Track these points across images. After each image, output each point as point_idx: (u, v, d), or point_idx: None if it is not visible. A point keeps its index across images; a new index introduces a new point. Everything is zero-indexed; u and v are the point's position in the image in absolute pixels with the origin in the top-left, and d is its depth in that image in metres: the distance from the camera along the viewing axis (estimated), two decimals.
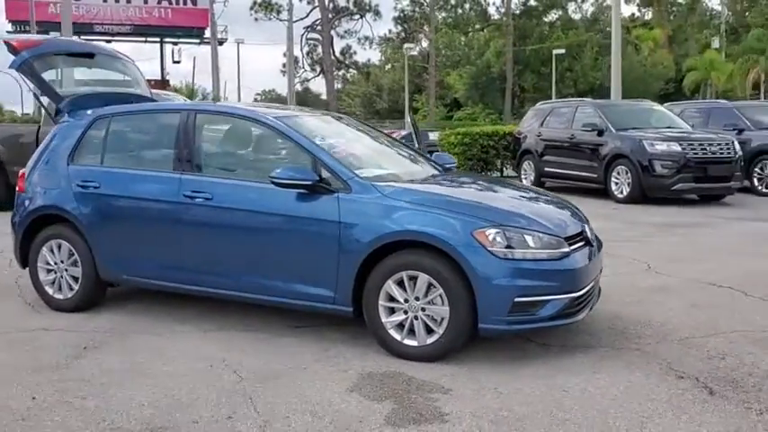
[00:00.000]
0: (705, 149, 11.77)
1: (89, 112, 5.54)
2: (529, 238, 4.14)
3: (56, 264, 5.38)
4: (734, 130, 13.74)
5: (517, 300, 4.05)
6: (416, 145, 11.11)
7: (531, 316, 4.12)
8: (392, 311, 4.30)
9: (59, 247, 5.35)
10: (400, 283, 4.25)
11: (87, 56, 6.15)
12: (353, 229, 4.32)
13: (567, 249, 4.24)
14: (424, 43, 48.32)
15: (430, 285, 4.17)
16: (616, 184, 12.29)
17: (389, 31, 53.05)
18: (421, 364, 4.16)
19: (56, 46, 6.10)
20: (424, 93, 53.46)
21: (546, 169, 14.23)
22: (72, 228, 5.28)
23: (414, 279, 4.21)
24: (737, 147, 12.12)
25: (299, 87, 53.68)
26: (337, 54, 50.24)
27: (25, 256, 5.52)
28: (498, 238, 4.09)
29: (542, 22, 49.16)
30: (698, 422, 3.39)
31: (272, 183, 4.47)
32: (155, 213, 4.98)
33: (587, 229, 4.70)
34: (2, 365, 4.26)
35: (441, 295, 4.14)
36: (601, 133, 12.80)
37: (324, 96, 57.07)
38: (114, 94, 5.96)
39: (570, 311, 4.25)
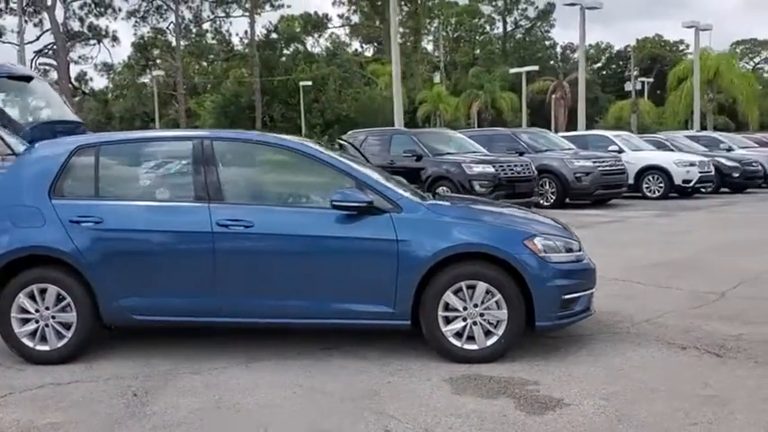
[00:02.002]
0: (512, 170, 13.57)
1: (54, 141, 5.03)
2: (559, 244, 4.82)
3: (37, 312, 4.77)
4: (515, 152, 15.92)
5: (563, 297, 4.70)
6: None
7: (570, 311, 4.79)
8: (449, 320, 4.67)
9: (43, 291, 4.76)
10: (457, 293, 4.65)
11: (25, 79, 5.53)
12: (412, 245, 4.62)
13: (581, 252, 4.99)
14: (159, 72, 46.96)
15: (488, 292, 4.63)
16: None
17: (128, 57, 50.60)
18: (487, 365, 4.59)
19: (6, 68, 5.39)
20: (162, 120, 51.77)
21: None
22: (63, 269, 4.75)
23: (472, 288, 4.64)
24: (533, 167, 14.16)
25: None
26: (73, 80, 46.59)
27: None
28: (543, 245, 4.70)
29: (285, 54, 50.69)
30: (736, 375, 4.33)
31: (333, 206, 4.59)
32: (180, 246, 4.73)
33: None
34: (68, 426, 3.80)
35: (498, 300, 4.62)
36: (419, 158, 14.02)
37: None
38: (62, 122, 5.45)
39: (589, 305, 5.00)
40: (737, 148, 21.17)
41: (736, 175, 18.63)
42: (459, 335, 4.67)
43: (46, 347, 4.79)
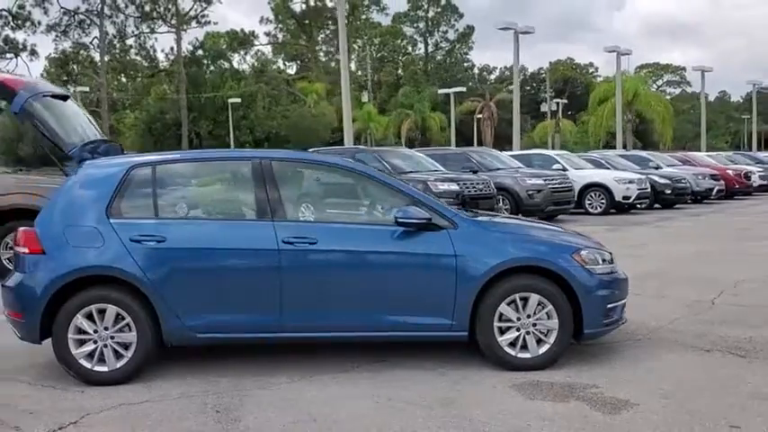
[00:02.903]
0: (475, 187, 14.06)
1: (105, 161, 5.03)
2: (598, 257, 5.18)
3: (95, 332, 4.74)
4: (470, 171, 16.46)
5: (607, 306, 5.06)
6: None
7: (611, 319, 5.15)
8: (503, 331, 4.94)
9: (102, 312, 4.73)
10: (510, 304, 4.93)
11: (62, 98, 5.47)
12: (469, 259, 4.87)
13: (614, 263, 5.37)
14: (83, 87, 45.52)
15: (540, 303, 4.93)
16: None
17: (45, 72, 48.63)
18: (541, 372, 4.87)
19: (42, 86, 5.31)
20: None
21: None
22: (122, 289, 4.73)
23: (525, 299, 4.93)
24: (493, 185, 14.70)
25: None
26: None
27: (44, 327, 4.74)
28: (588, 258, 5.05)
29: (212, 71, 50.14)
30: (766, 372, 4.79)
31: (397, 222, 4.79)
32: (247, 263, 4.80)
33: None
34: None
35: (549, 311, 4.92)
36: None
37: None
38: (100, 141, 5.43)
39: (623, 314, 5.37)
40: (665, 167, 22.52)
41: (668, 191, 19.82)
42: (512, 344, 4.94)
43: (104, 368, 4.75)
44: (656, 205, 19.90)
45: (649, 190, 18.80)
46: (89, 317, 4.74)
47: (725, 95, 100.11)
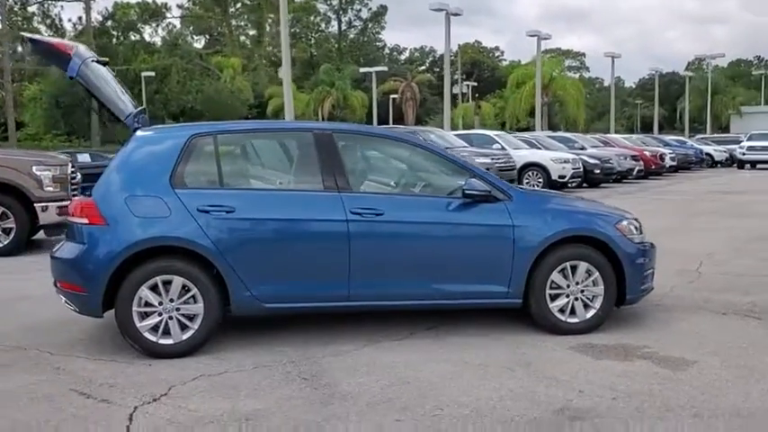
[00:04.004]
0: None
1: (162, 129, 4.91)
2: (632, 227, 5.52)
3: (160, 304, 4.64)
4: None
5: (644, 273, 5.41)
6: None
7: (646, 285, 5.51)
8: (553, 298, 5.20)
9: (167, 284, 4.63)
10: (561, 272, 5.19)
11: (103, 64, 5.24)
12: (526, 230, 5.09)
13: (643, 233, 5.73)
14: None
15: (588, 271, 5.22)
16: None
17: None
18: (591, 335, 5.17)
19: (87, 51, 5.05)
20: None
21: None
22: (189, 260, 4.65)
23: (574, 267, 5.20)
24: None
25: None
26: None
27: (108, 300, 4.60)
28: (627, 228, 5.38)
29: (123, 43, 47.98)
30: None
31: (465, 194, 4.95)
32: (316, 233, 4.82)
33: None
34: (277, 411, 3.85)
35: (596, 278, 5.22)
36: None
37: None
38: (141, 110, 5.27)
39: (652, 281, 5.73)
40: (589, 148, 23.61)
41: (598, 171, 20.84)
42: (562, 310, 5.20)
43: (169, 341, 4.67)
44: (584, 184, 20.88)
45: (582, 170, 19.70)
46: (153, 289, 4.64)
47: (619, 81, 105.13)
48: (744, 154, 32.85)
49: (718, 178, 25.65)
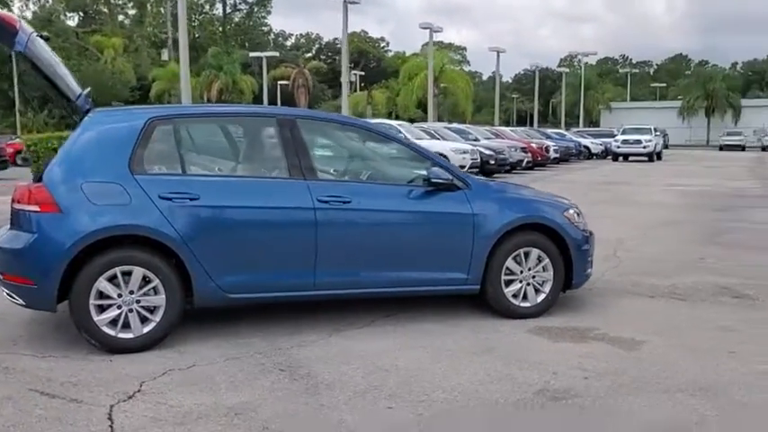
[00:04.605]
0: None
1: (115, 112, 4.64)
2: (576, 215, 5.79)
3: (119, 296, 4.39)
4: None
5: (588, 259, 5.70)
6: None
7: (589, 270, 5.79)
8: (507, 283, 5.37)
9: (127, 274, 4.39)
10: (515, 258, 5.37)
11: (45, 39, 4.85)
12: (484, 218, 5.23)
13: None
14: None
15: (539, 257, 5.43)
16: None
17: None
18: (543, 318, 5.38)
19: (27, 26, 4.62)
20: None
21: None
22: (150, 250, 4.43)
23: (527, 254, 5.39)
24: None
25: None
26: None
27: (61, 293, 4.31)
28: (573, 216, 5.63)
29: None
30: (714, 311, 5.72)
31: (429, 182, 4.99)
32: (283, 222, 4.71)
33: None
34: (262, 402, 3.76)
35: (546, 264, 5.44)
36: None
37: None
38: (89, 90, 4.94)
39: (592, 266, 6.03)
40: (482, 139, 24.37)
41: (493, 162, 21.54)
42: (515, 295, 5.39)
43: (129, 335, 4.45)
44: (480, 174, 21.56)
45: (479, 160, 20.31)
46: (111, 280, 4.39)
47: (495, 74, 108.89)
48: (618, 147, 35.04)
49: (597, 170, 27.15)
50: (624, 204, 14.25)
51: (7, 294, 4.52)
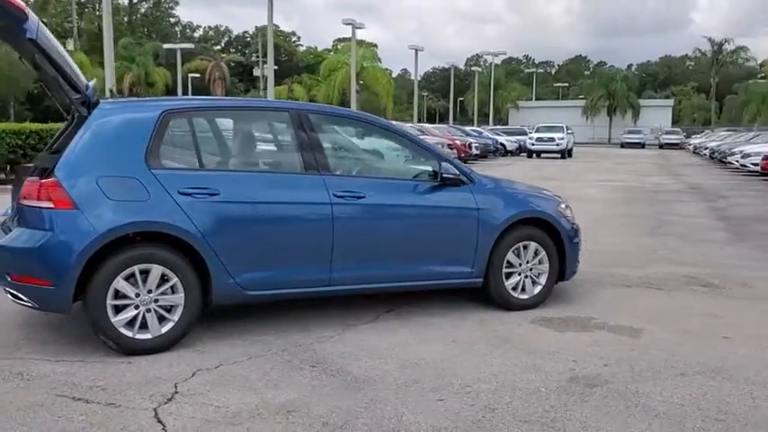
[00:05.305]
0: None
1: (128, 104, 4.45)
2: (567, 210, 5.99)
3: (137, 296, 4.22)
4: None
5: (579, 251, 5.91)
6: None
7: (579, 262, 6.01)
8: (507, 276, 5.51)
9: (145, 273, 4.22)
10: (515, 252, 5.51)
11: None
12: (488, 213, 5.34)
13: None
14: None
15: (536, 250, 5.59)
16: None
17: None
18: (542, 309, 5.55)
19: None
20: None
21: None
22: (169, 247, 4.28)
23: (526, 247, 5.55)
24: None
25: None
26: None
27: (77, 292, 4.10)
28: (565, 210, 5.84)
29: None
30: (693, 298, 6.07)
31: (438, 177, 5.05)
32: (302, 217, 4.65)
33: None
34: (308, 399, 3.72)
35: (542, 257, 5.62)
36: None
37: None
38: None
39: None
40: None
41: None
42: (514, 288, 5.53)
43: (147, 335, 4.28)
44: None
45: None
46: (129, 280, 4.21)
47: (406, 73, 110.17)
48: (533, 144, 36.28)
49: (517, 166, 27.88)
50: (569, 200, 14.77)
51: (12, 297, 4.25)
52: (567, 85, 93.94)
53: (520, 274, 5.55)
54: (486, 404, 3.69)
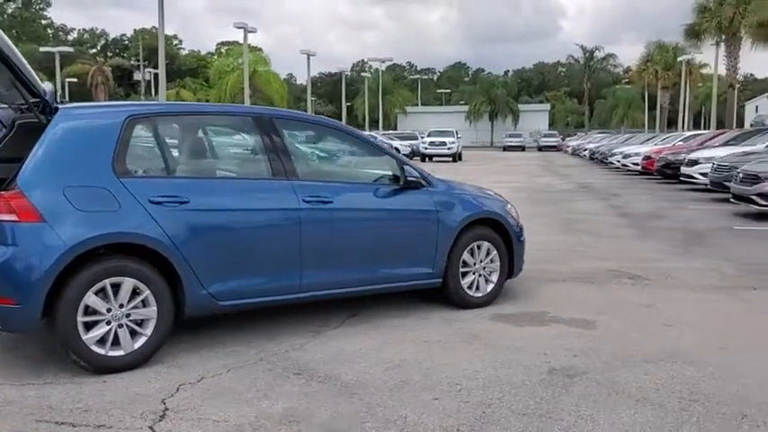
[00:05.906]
0: None
1: (87, 108, 4.23)
2: (513, 210, 6.21)
3: (108, 311, 4.01)
4: None
5: (524, 250, 6.15)
6: None
7: (524, 261, 6.25)
8: (464, 275, 5.66)
9: (117, 287, 4.02)
10: (470, 252, 5.67)
11: None
12: (446, 214, 5.46)
13: None
14: None
15: (488, 250, 5.77)
16: None
17: None
18: (496, 306, 5.73)
19: None
20: None
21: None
22: (140, 259, 4.09)
23: (479, 247, 5.72)
24: None
25: None
26: None
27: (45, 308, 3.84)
28: (512, 211, 6.06)
29: None
30: (659, 292, 6.46)
31: (405, 181, 5.11)
32: (273, 223, 4.56)
33: None
34: (310, 406, 3.68)
35: (494, 256, 5.81)
36: None
37: None
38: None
39: None
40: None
41: None
42: (470, 286, 5.69)
43: (120, 352, 4.08)
44: None
45: None
46: (100, 294, 3.99)
47: (291, 77, 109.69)
48: (426, 148, 37.14)
49: None
50: None
51: None
52: (449, 91, 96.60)
53: (474, 273, 5.70)
54: (481, 400, 3.79)
